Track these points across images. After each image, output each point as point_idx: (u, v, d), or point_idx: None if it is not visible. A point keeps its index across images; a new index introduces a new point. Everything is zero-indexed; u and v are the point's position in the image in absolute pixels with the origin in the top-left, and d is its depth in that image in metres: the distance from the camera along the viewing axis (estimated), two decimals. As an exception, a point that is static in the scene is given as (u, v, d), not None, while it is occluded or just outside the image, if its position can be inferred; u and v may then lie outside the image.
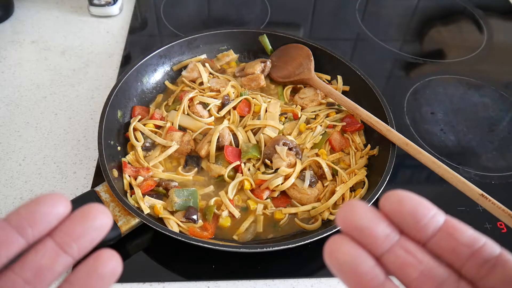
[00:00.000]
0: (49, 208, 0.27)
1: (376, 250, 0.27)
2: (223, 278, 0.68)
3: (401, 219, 0.27)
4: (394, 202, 0.27)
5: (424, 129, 0.93)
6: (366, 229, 0.27)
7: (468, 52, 1.14)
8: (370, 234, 0.27)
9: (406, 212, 0.27)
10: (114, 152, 0.78)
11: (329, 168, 0.78)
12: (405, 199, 0.27)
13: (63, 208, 0.27)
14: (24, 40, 1.06)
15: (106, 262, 0.27)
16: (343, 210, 0.28)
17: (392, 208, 0.27)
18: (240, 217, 0.74)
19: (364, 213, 0.27)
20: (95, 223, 0.28)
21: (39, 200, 0.27)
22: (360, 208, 0.28)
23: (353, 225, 0.27)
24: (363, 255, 0.27)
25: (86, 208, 0.28)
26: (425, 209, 0.27)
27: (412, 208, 0.27)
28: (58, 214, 0.27)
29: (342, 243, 0.27)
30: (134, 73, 0.86)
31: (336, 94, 0.86)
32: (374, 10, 1.26)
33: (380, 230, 0.27)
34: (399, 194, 0.28)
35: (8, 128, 0.87)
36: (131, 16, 1.14)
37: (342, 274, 0.27)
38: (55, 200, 0.27)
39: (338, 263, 0.27)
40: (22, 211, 0.27)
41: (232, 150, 0.79)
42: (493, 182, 0.85)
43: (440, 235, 0.27)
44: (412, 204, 0.27)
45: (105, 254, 0.28)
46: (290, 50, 0.95)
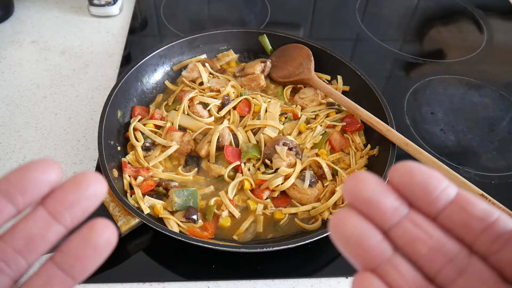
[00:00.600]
0: (40, 174, 0.25)
1: (384, 224, 0.26)
2: (223, 278, 0.68)
3: (411, 192, 0.26)
4: (404, 174, 0.26)
5: (424, 129, 0.93)
6: (373, 201, 0.26)
7: (468, 52, 1.14)
8: (377, 207, 0.26)
9: (417, 184, 0.26)
10: (114, 152, 0.78)
11: (329, 168, 0.78)
12: (415, 171, 0.26)
13: (55, 175, 0.26)
14: (24, 40, 1.06)
15: (100, 232, 0.26)
16: (350, 181, 0.26)
17: (402, 180, 0.26)
18: (240, 217, 0.74)
19: (372, 185, 0.26)
20: (89, 191, 0.26)
21: (30, 166, 0.25)
22: (367, 180, 0.26)
23: (360, 198, 0.26)
24: (370, 229, 0.26)
25: (80, 175, 0.27)
26: (436, 181, 0.26)
27: (423, 180, 0.26)
28: (50, 181, 0.26)
29: (348, 216, 0.26)
30: (134, 73, 0.86)
31: (336, 94, 0.86)
32: (374, 10, 1.26)
33: (389, 202, 0.26)
34: (409, 166, 0.26)
35: (8, 128, 0.87)
36: (131, 16, 1.15)
37: (348, 248, 0.26)
38: (47, 165, 0.26)
39: (343, 237, 0.26)
40: (11, 177, 0.25)
41: (232, 150, 0.79)
42: (493, 182, 0.85)
43: (451, 208, 0.26)
44: (423, 176, 0.26)
45: (100, 223, 0.26)
46: (290, 50, 0.95)
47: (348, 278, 0.69)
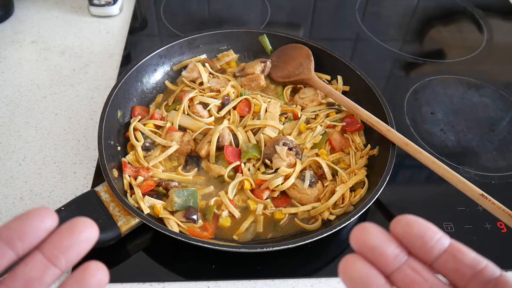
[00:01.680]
0: (37, 222, 0.28)
1: (386, 269, 0.30)
2: (223, 278, 0.68)
3: (409, 241, 0.30)
4: (403, 226, 0.30)
5: (424, 129, 0.93)
6: (377, 249, 0.29)
7: (468, 52, 1.14)
8: (381, 253, 0.29)
9: (415, 234, 0.30)
10: (114, 152, 0.78)
11: (329, 168, 0.78)
12: (414, 223, 0.30)
13: (51, 222, 0.29)
14: (24, 40, 1.06)
15: (93, 274, 0.29)
16: (357, 230, 0.30)
17: (402, 230, 0.30)
18: (240, 217, 0.74)
19: (376, 234, 0.30)
20: (82, 236, 0.29)
21: (28, 214, 0.28)
22: (372, 230, 0.30)
23: (365, 245, 0.30)
24: (374, 273, 0.29)
25: (73, 222, 0.29)
26: (432, 233, 0.30)
27: (420, 231, 0.30)
28: (46, 228, 0.29)
29: (355, 261, 0.30)
30: (134, 73, 0.86)
31: (336, 94, 0.86)
32: (374, 10, 1.26)
33: (390, 250, 0.30)
34: (408, 218, 0.30)
35: (8, 128, 0.87)
36: (131, 16, 1.15)
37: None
38: (43, 214, 0.29)
39: (351, 279, 0.29)
40: (12, 225, 0.28)
41: (232, 150, 0.79)
42: (493, 182, 0.85)
43: (445, 257, 0.30)
44: (420, 228, 0.30)
45: (93, 266, 0.29)
46: (290, 50, 0.95)
47: (348, 278, 0.69)
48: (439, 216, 0.78)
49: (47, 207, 0.29)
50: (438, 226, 0.30)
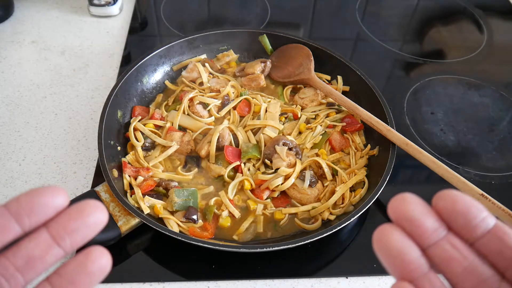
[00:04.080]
0: (47, 199, 0.28)
1: (423, 242, 0.29)
2: (223, 278, 0.68)
3: (452, 217, 0.28)
4: (447, 200, 0.29)
5: (424, 129, 0.93)
6: (415, 220, 0.28)
7: (468, 52, 1.14)
8: (419, 225, 0.28)
9: (459, 211, 0.28)
10: (114, 152, 0.78)
11: (329, 168, 0.78)
12: (458, 199, 0.28)
13: (61, 201, 0.28)
14: (24, 40, 1.06)
15: (95, 259, 0.28)
16: (395, 200, 0.29)
17: (445, 205, 0.28)
18: (240, 217, 0.74)
19: (415, 206, 0.29)
20: (90, 220, 0.28)
21: (39, 191, 0.28)
22: (411, 200, 0.29)
23: (403, 216, 0.28)
24: (410, 245, 0.28)
25: (84, 204, 0.29)
26: (477, 211, 0.28)
27: (465, 208, 0.28)
28: (56, 206, 0.28)
29: (391, 231, 0.28)
30: (134, 73, 0.86)
31: (336, 94, 0.86)
32: (374, 10, 1.26)
33: (429, 223, 0.28)
34: (453, 194, 0.29)
35: (8, 128, 0.87)
36: (131, 16, 1.14)
37: (389, 260, 0.28)
38: (55, 192, 0.28)
39: (385, 249, 0.28)
40: (21, 199, 0.27)
41: (232, 150, 0.79)
42: (493, 182, 0.85)
43: (488, 237, 0.28)
44: (465, 205, 0.28)
45: (96, 251, 0.28)
46: (290, 50, 0.95)
47: (348, 278, 0.69)
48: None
49: (60, 187, 0.29)
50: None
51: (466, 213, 0.28)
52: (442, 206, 0.29)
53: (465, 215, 0.28)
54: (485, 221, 0.28)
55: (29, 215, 0.27)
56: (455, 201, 0.28)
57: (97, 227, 0.29)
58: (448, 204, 0.28)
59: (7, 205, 0.27)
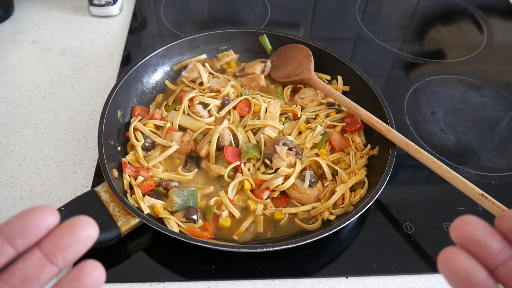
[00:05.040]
0: (38, 219, 0.29)
1: (490, 263, 0.28)
2: (223, 278, 0.68)
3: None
4: (511, 221, 0.28)
5: (424, 129, 0.93)
6: (481, 241, 0.28)
7: (468, 52, 1.14)
8: (484, 246, 0.28)
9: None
10: (114, 152, 0.78)
11: (329, 168, 0.78)
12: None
13: (51, 220, 0.29)
14: (24, 40, 1.06)
15: (89, 273, 0.29)
16: (458, 223, 0.29)
17: (509, 226, 0.28)
18: (240, 217, 0.74)
19: (479, 227, 0.29)
20: (81, 235, 0.29)
21: (30, 212, 0.29)
22: (474, 222, 0.29)
23: (468, 237, 0.28)
24: (477, 266, 0.28)
25: (73, 220, 0.30)
26: None
27: None
28: (47, 225, 0.29)
29: (457, 253, 0.28)
30: (134, 73, 0.86)
31: (336, 94, 0.86)
32: (374, 10, 1.26)
33: (495, 243, 0.28)
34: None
35: (8, 128, 0.87)
36: (131, 16, 1.14)
37: (457, 283, 0.28)
38: (45, 212, 0.29)
39: (452, 272, 0.28)
40: (13, 222, 0.28)
41: (232, 150, 0.79)
42: (493, 182, 0.85)
43: None
44: None
45: (89, 265, 0.29)
46: (290, 50, 0.95)
47: (348, 278, 0.69)
48: (439, 216, 0.78)
49: (49, 206, 0.30)
50: (438, 226, 0.30)
51: None
52: (506, 226, 0.29)
53: None
54: None
55: (21, 236, 0.28)
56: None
57: (88, 242, 0.29)
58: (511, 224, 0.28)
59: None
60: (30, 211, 0.29)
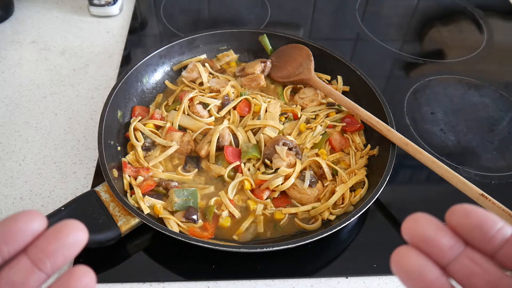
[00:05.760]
0: (24, 225, 0.28)
1: (442, 260, 0.28)
2: (223, 278, 0.68)
3: (467, 232, 0.28)
4: (460, 216, 0.28)
5: (424, 129, 0.93)
6: (431, 239, 0.28)
7: (468, 52, 1.14)
8: (435, 244, 0.28)
9: (473, 224, 0.28)
10: (114, 152, 0.78)
11: (329, 168, 0.78)
12: (471, 213, 0.28)
13: (38, 225, 0.28)
14: (24, 40, 1.06)
15: (79, 279, 0.28)
16: (408, 221, 0.29)
17: (459, 221, 0.28)
18: (240, 217, 0.74)
19: (429, 225, 0.28)
20: (69, 240, 0.28)
21: (15, 217, 0.28)
22: (424, 220, 0.29)
23: (418, 236, 0.28)
24: (429, 265, 0.28)
25: (61, 225, 0.29)
26: (492, 222, 0.28)
27: (479, 221, 0.28)
28: (33, 231, 0.28)
29: (409, 252, 0.28)
30: (134, 73, 0.86)
31: (336, 94, 0.86)
32: (374, 10, 1.26)
33: (445, 240, 0.28)
34: (465, 208, 0.28)
35: (8, 128, 0.87)
36: (131, 16, 1.14)
37: (409, 282, 0.28)
38: (31, 217, 0.28)
39: (405, 272, 0.28)
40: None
41: (232, 150, 0.79)
42: (493, 182, 0.85)
43: (507, 247, 0.28)
44: (478, 217, 0.28)
45: (79, 270, 0.28)
46: (290, 50, 0.95)
47: (348, 278, 0.69)
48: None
49: (35, 210, 0.29)
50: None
51: (481, 225, 0.28)
52: (455, 221, 0.28)
53: (480, 228, 0.28)
54: (502, 231, 0.28)
55: (7, 243, 0.27)
56: (468, 214, 0.28)
57: (77, 246, 0.29)
58: (461, 218, 0.28)
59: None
60: (16, 217, 0.28)
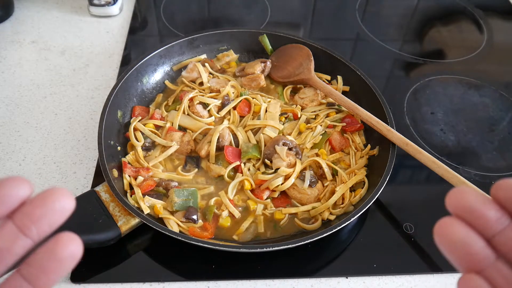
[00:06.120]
0: (10, 190, 0.27)
1: (487, 232, 0.28)
2: (223, 278, 0.68)
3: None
4: (506, 189, 0.28)
5: (424, 129, 0.93)
6: (477, 211, 0.28)
7: (468, 52, 1.14)
8: (481, 216, 0.27)
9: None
10: (114, 152, 0.78)
11: (329, 168, 0.78)
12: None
13: (25, 191, 0.28)
14: (24, 40, 1.06)
15: (65, 245, 0.28)
16: (453, 193, 0.29)
17: (505, 195, 0.28)
18: (240, 217, 0.74)
19: (475, 197, 0.28)
20: (55, 206, 0.28)
21: (2, 183, 0.27)
22: (470, 192, 0.28)
23: (464, 207, 0.28)
24: (474, 236, 0.28)
25: (48, 191, 0.28)
26: None
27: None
28: (19, 196, 0.28)
29: (453, 223, 0.28)
30: (134, 73, 0.86)
31: (336, 94, 0.86)
32: (374, 10, 1.26)
33: (491, 213, 0.28)
34: (511, 182, 0.28)
35: (8, 128, 0.87)
36: (131, 16, 1.14)
37: (454, 253, 0.28)
38: (17, 182, 0.28)
39: (449, 243, 0.28)
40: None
41: (232, 150, 0.79)
42: (493, 182, 0.84)
43: None
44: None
45: (65, 237, 0.28)
46: (290, 50, 0.95)
47: (348, 278, 0.69)
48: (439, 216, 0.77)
49: (21, 177, 0.28)
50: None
51: None
52: (502, 195, 0.28)
53: None
54: None
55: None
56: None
57: (64, 213, 0.28)
58: (508, 192, 0.28)
59: None
60: (2, 182, 0.27)
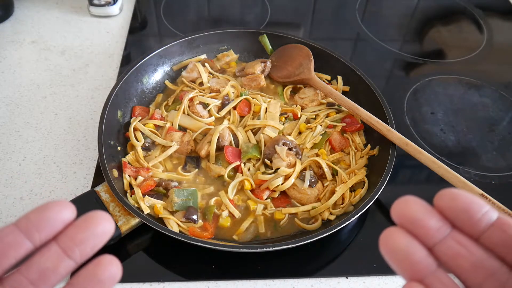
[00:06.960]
0: (55, 214, 0.29)
1: (428, 241, 0.29)
2: (223, 278, 0.68)
3: (454, 215, 0.29)
4: (448, 199, 0.29)
5: (424, 129, 0.93)
6: (419, 221, 0.29)
7: (468, 52, 1.14)
8: (423, 225, 0.29)
9: (460, 208, 0.29)
10: (114, 152, 0.78)
11: (329, 168, 0.78)
12: (458, 196, 0.29)
13: (69, 214, 0.29)
14: (24, 40, 1.06)
15: (106, 268, 0.29)
16: (397, 204, 0.29)
17: (446, 204, 0.29)
18: (240, 217, 0.74)
19: (417, 207, 0.29)
20: (98, 230, 0.29)
21: (47, 206, 0.29)
22: (413, 202, 0.29)
23: (406, 217, 0.29)
24: (416, 245, 0.29)
25: (90, 215, 0.30)
26: (478, 206, 0.29)
27: (466, 204, 0.29)
28: (63, 220, 0.29)
29: (396, 233, 0.29)
30: (134, 73, 0.86)
31: (336, 94, 0.86)
32: (374, 10, 1.26)
33: (433, 222, 0.29)
34: (453, 192, 0.29)
35: (8, 128, 0.87)
36: (131, 16, 1.14)
37: (396, 262, 0.29)
38: (62, 206, 0.29)
39: (392, 251, 0.29)
40: (31, 216, 0.29)
41: (232, 150, 0.79)
42: (493, 182, 0.85)
43: (492, 230, 0.28)
44: (465, 201, 0.29)
45: (106, 259, 0.29)
46: (290, 50, 0.95)
47: (348, 278, 0.69)
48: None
49: (66, 200, 0.30)
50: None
51: (467, 209, 0.28)
52: (443, 204, 0.29)
53: (467, 211, 0.28)
54: (488, 215, 0.28)
55: (38, 230, 0.28)
56: (455, 198, 0.29)
57: (105, 236, 0.30)
58: (449, 202, 0.29)
59: (17, 223, 0.28)
60: (47, 206, 0.29)
